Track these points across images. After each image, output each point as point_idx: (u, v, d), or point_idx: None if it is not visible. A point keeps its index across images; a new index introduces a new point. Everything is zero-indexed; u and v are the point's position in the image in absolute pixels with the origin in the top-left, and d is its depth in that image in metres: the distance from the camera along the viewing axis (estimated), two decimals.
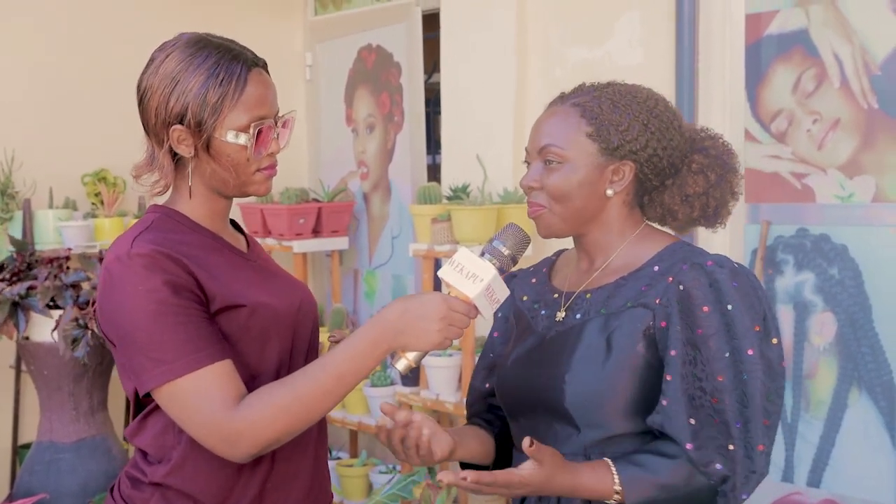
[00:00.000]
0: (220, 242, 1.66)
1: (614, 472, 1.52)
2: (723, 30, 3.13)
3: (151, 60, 1.61)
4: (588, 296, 1.65)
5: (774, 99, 3.09)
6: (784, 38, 3.06)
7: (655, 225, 1.74)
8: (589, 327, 1.60)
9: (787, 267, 3.07)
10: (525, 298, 1.78)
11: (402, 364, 1.55)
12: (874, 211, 2.90)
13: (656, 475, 1.51)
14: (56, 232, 3.85)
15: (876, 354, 2.90)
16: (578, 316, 1.64)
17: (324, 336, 1.88)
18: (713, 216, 1.70)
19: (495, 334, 1.86)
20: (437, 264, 3.78)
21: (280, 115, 1.65)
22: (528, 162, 1.69)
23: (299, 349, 1.69)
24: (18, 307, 3.37)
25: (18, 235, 3.78)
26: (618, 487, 1.51)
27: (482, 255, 1.56)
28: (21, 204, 3.85)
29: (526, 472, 1.49)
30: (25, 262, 3.50)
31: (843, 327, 2.96)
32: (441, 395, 3.57)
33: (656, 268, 1.61)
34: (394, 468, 3.90)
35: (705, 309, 1.52)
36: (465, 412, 3.45)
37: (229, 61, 1.57)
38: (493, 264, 1.54)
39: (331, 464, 4.05)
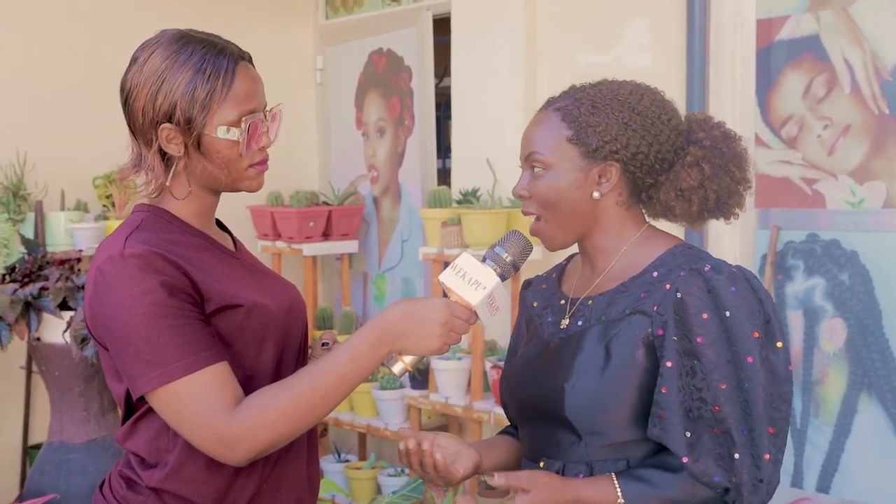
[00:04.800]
0: (210, 242, 1.62)
1: (618, 487, 1.50)
2: (733, 35, 3.13)
3: (134, 60, 1.57)
4: (590, 302, 1.62)
5: (785, 104, 3.09)
6: (795, 43, 3.06)
7: (661, 223, 1.69)
8: (589, 335, 1.58)
9: (797, 272, 3.07)
10: (535, 305, 1.76)
11: (398, 368, 1.53)
12: (885, 217, 2.89)
13: (660, 489, 1.49)
14: (67, 234, 3.86)
15: (886, 360, 2.90)
16: (580, 323, 1.61)
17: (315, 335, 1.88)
18: (719, 208, 1.63)
19: (512, 342, 1.85)
20: (447, 268, 3.79)
21: (268, 108, 1.61)
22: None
23: (291, 350, 1.66)
24: (31, 307, 3.38)
25: (30, 237, 3.79)
26: (621, 501, 1.49)
27: (484, 260, 1.54)
28: (33, 206, 3.87)
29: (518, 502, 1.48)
30: (37, 264, 3.51)
31: (852, 333, 2.96)
32: (450, 399, 3.57)
33: (655, 273, 1.57)
34: (402, 471, 3.90)
35: (705, 316, 1.49)
36: (474, 415, 3.46)
37: (215, 56, 1.54)
38: (495, 271, 1.52)
39: (339, 466, 4.05)
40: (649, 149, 1.59)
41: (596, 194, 1.60)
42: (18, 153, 3.90)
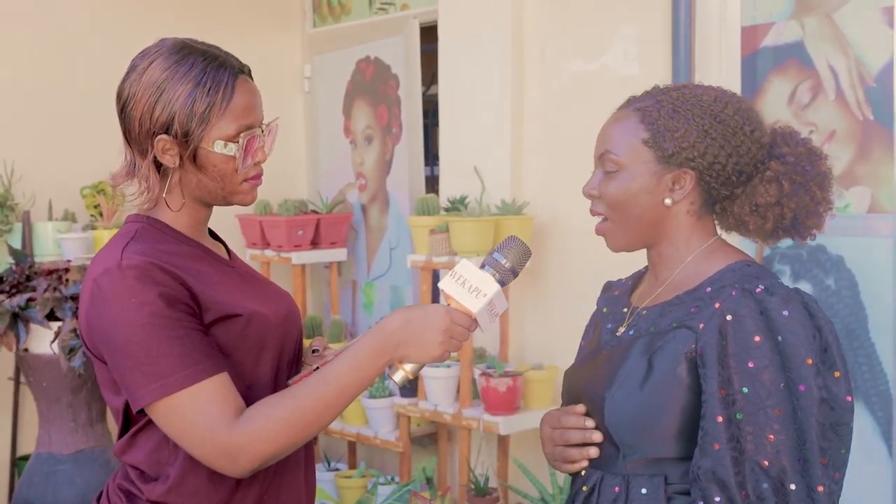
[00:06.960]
0: (206, 251, 1.62)
1: None
2: (719, 42, 3.15)
3: (133, 68, 1.56)
4: (644, 312, 1.59)
5: (770, 110, 3.11)
6: (780, 50, 3.08)
7: (732, 237, 1.64)
8: (636, 346, 1.53)
9: (783, 277, 3.08)
10: (605, 310, 1.72)
11: (399, 376, 1.53)
12: (870, 222, 2.91)
13: None
14: (55, 244, 3.86)
15: (872, 364, 2.91)
16: (631, 332, 1.58)
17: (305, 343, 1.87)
18: (794, 227, 1.57)
19: (583, 342, 1.80)
20: (436, 275, 3.79)
21: (265, 122, 1.61)
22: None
23: (287, 358, 1.66)
24: (18, 318, 3.38)
25: (18, 247, 3.78)
26: None
27: (482, 266, 1.53)
28: (20, 216, 3.86)
29: None
30: (24, 274, 3.50)
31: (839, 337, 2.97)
32: (439, 406, 3.57)
33: (708, 289, 1.51)
34: (392, 479, 3.89)
35: (757, 339, 1.42)
36: (463, 423, 3.47)
37: (216, 69, 1.53)
38: (494, 277, 1.51)
39: (329, 475, 4.05)
40: (727, 159, 1.53)
41: (668, 201, 1.55)
42: (6, 163, 3.89)
